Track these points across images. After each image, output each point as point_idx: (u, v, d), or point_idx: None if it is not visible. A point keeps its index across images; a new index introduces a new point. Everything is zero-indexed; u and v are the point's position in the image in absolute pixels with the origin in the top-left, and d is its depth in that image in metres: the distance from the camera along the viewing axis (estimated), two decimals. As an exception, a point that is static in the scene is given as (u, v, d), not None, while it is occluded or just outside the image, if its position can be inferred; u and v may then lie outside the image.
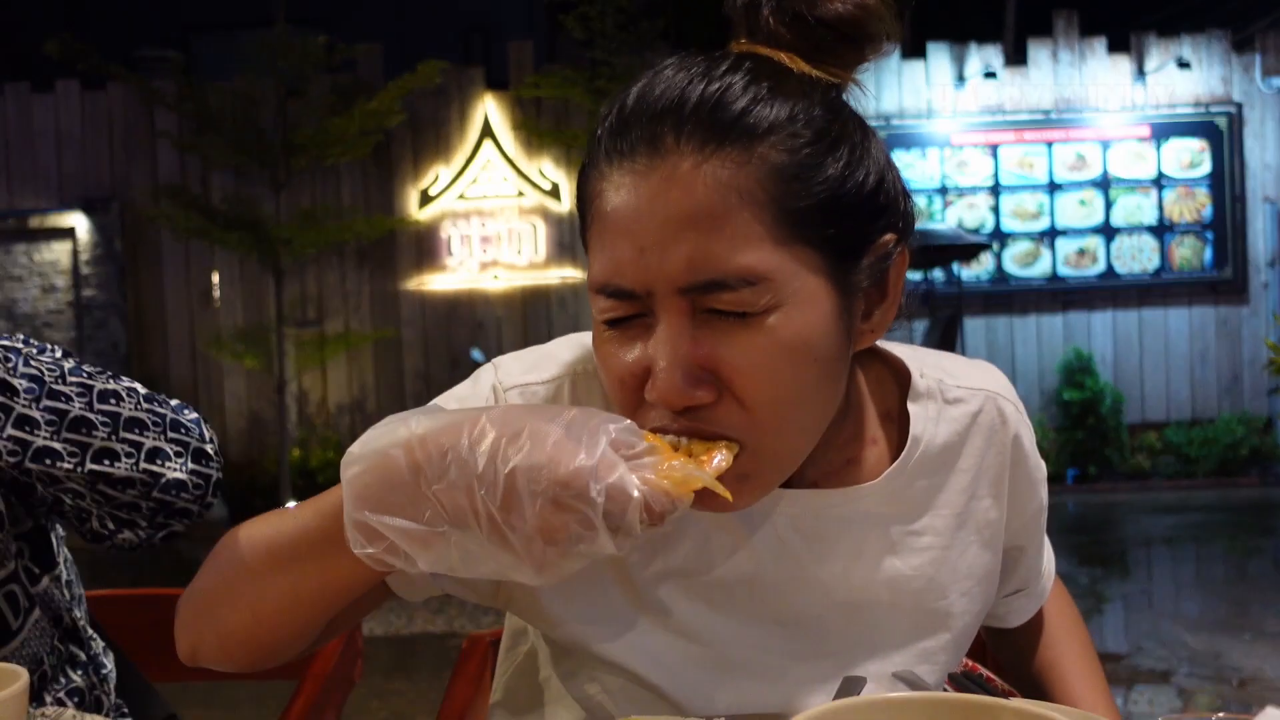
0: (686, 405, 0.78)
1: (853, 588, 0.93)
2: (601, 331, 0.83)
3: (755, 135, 0.78)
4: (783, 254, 0.78)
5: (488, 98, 9.68)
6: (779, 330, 0.78)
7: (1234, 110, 9.81)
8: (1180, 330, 9.86)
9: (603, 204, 0.80)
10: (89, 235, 9.45)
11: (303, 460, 9.19)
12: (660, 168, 0.77)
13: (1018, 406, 1.01)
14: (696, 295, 0.77)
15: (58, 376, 1.14)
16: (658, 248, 0.77)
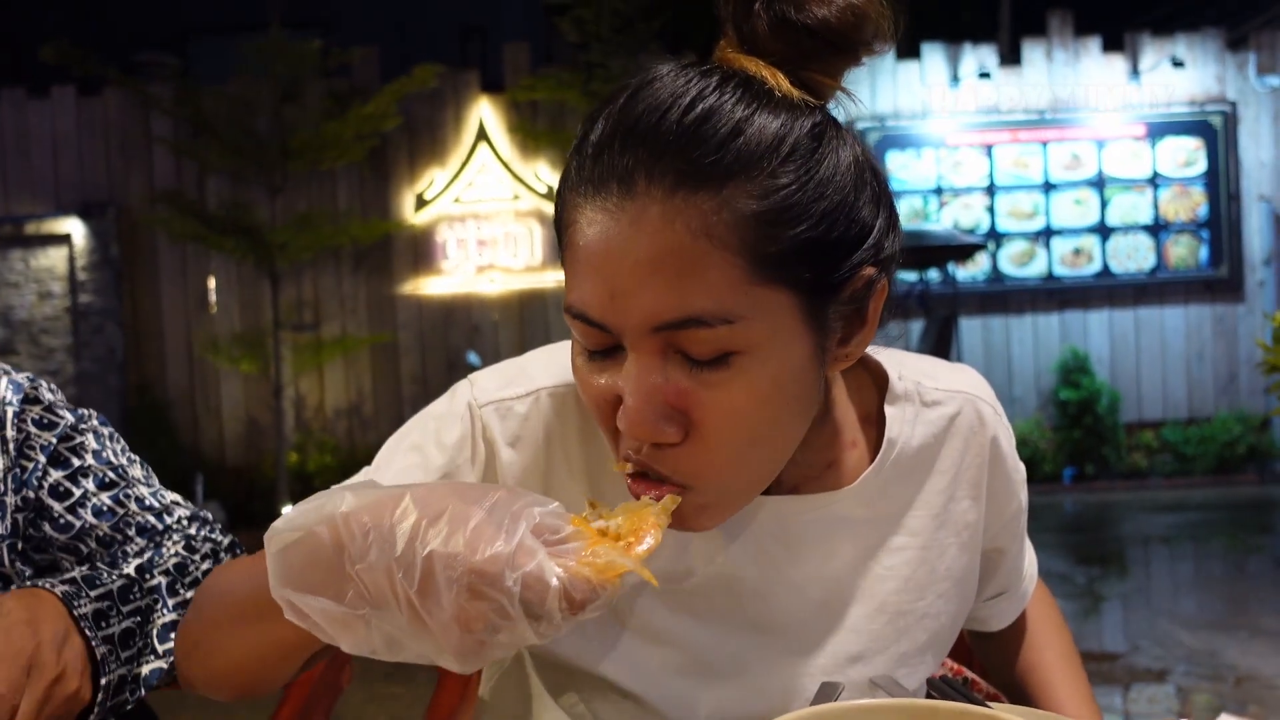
0: (653, 441, 0.78)
1: (831, 591, 0.94)
2: (578, 351, 0.83)
3: (730, 177, 0.74)
4: (756, 297, 0.75)
5: (483, 101, 9.68)
6: (752, 373, 0.77)
7: (1229, 109, 9.83)
8: (1176, 329, 9.87)
9: (575, 235, 0.78)
10: (85, 241, 9.45)
11: (300, 464, 9.18)
12: (629, 209, 0.74)
13: (996, 409, 1.01)
14: (669, 333, 0.75)
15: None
16: (627, 292, 0.75)
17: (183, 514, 1.18)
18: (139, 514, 1.14)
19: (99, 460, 1.16)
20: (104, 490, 1.15)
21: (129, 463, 1.20)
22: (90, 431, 1.19)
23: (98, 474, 1.15)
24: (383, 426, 9.52)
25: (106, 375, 9.46)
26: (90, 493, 1.14)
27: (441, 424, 0.94)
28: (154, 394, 9.47)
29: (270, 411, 9.22)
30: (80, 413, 1.20)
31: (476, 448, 0.92)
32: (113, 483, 1.16)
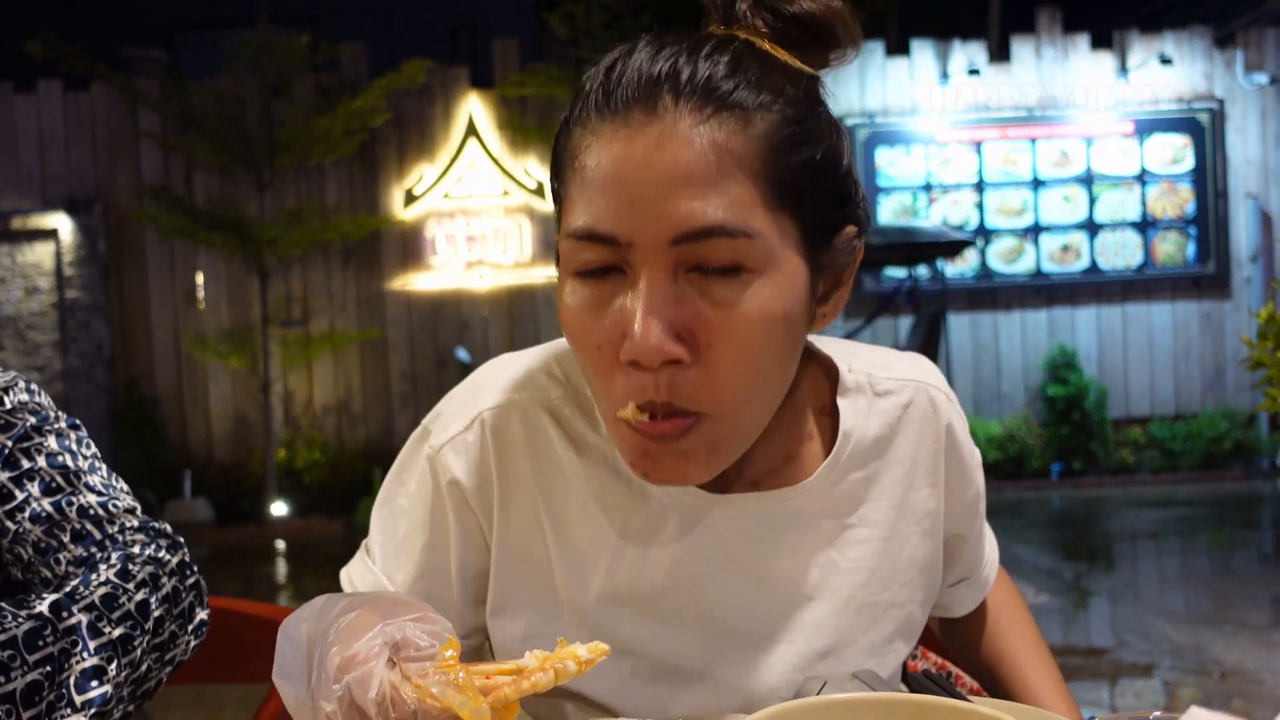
0: (663, 359, 0.78)
1: (796, 588, 0.94)
2: (573, 290, 0.83)
3: (749, 107, 0.80)
4: (770, 221, 0.80)
5: (473, 96, 9.67)
6: (760, 295, 0.80)
7: (1216, 106, 9.86)
8: (1164, 325, 9.91)
9: (589, 157, 0.80)
10: (72, 236, 9.41)
11: (288, 461, 9.17)
12: (656, 125, 0.78)
13: (949, 396, 1.01)
14: (688, 247, 0.78)
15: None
16: (651, 199, 0.78)
17: (130, 524, 1.09)
18: (77, 520, 1.06)
19: (51, 463, 1.09)
20: (47, 495, 1.07)
21: (89, 469, 1.11)
22: (53, 433, 1.12)
23: (45, 477, 1.08)
24: (371, 423, 9.51)
25: (94, 371, 9.43)
26: (33, 497, 1.07)
27: (412, 482, 0.97)
28: (142, 390, 9.44)
29: (258, 408, 9.21)
30: (46, 415, 1.13)
31: (443, 498, 0.95)
32: (58, 488, 1.08)
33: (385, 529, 0.98)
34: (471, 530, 0.95)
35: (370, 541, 0.98)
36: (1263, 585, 5.79)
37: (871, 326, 9.56)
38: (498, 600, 0.95)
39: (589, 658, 0.74)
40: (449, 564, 0.95)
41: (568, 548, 0.94)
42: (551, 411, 0.95)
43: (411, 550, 0.96)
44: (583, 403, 0.95)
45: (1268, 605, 5.28)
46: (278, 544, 8.27)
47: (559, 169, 0.85)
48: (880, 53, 9.96)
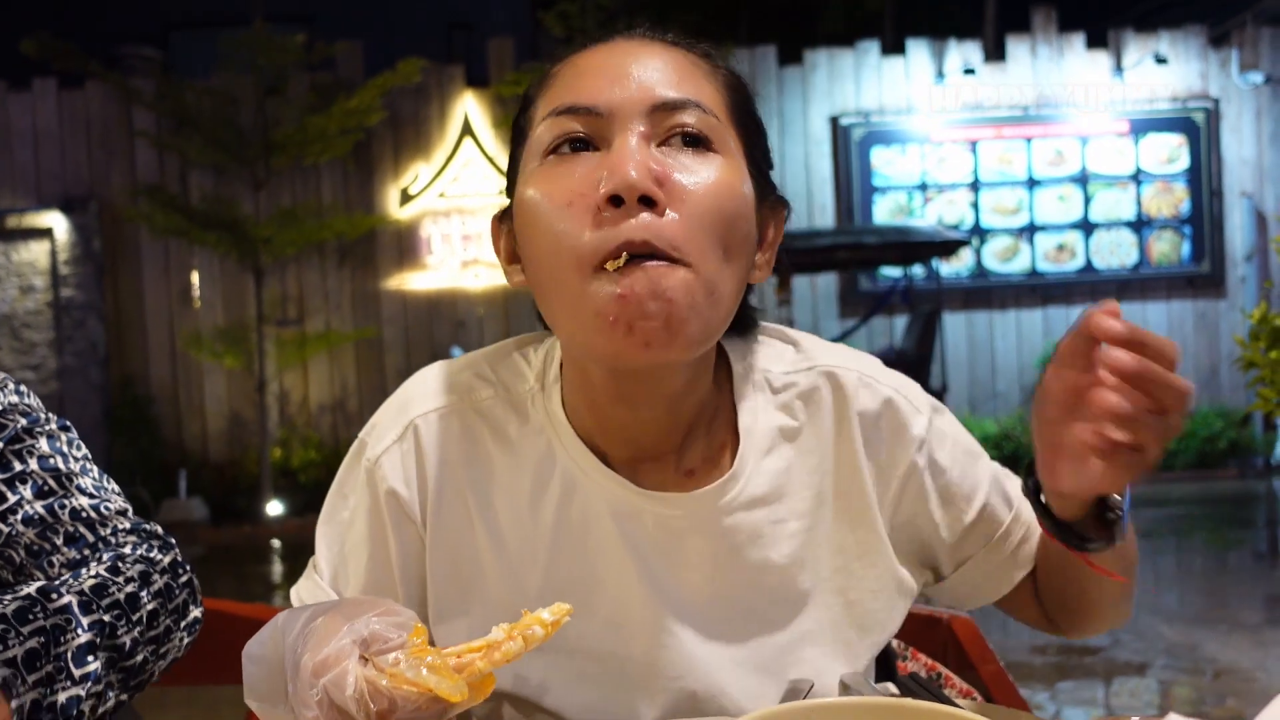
0: (643, 193, 0.82)
1: (731, 583, 0.95)
2: (542, 172, 0.87)
3: (709, 55, 0.93)
4: (730, 127, 0.89)
5: (468, 95, 9.67)
6: (723, 171, 0.86)
7: (1211, 106, 9.88)
8: (1159, 324, 9.92)
9: (569, 65, 0.91)
10: (67, 235, 9.40)
11: (284, 460, 9.16)
12: (636, 41, 0.91)
13: (864, 377, 0.99)
14: (662, 115, 0.86)
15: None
16: (632, 78, 0.87)
17: (121, 526, 1.09)
18: (69, 523, 1.07)
19: (43, 466, 1.10)
20: (40, 498, 1.08)
21: (81, 471, 1.12)
22: (44, 435, 1.12)
23: (37, 480, 1.09)
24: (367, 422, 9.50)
25: (88, 370, 9.42)
26: (25, 499, 1.07)
27: (353, 495, 0.98)
28: (136, 389, 9.43)
29: (254, 407, 9.20)
30: (37, 416, 1.13)
31: (381, 509, 0.96)
32: (51, 490, 1.09)
33: (330, 544, 0.99)
34: (410, 539, 0.96)
35: (317, 558, 0.99)
36: (1257, 584, 5.81)
37: (867, 325, 9.57)
38: (438, 606, 0.96)
39: (554, 619, 0.75)
40: (393, 575, 0.96)
41: (503, 548, 0.95)
42: (482, 413, 0.97)
43: (357, 564, 0.97)
44: (514, 401, 0.97)
45: (1262, 604, 5.29)
46: (273, 543, 8.26)
47: (529, 101, 0.93)
48: (876, 52, 9.96)
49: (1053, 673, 4.18)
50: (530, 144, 0.90)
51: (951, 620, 1.28)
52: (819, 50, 10.03)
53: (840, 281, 9.88)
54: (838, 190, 9.86)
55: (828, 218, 9.84)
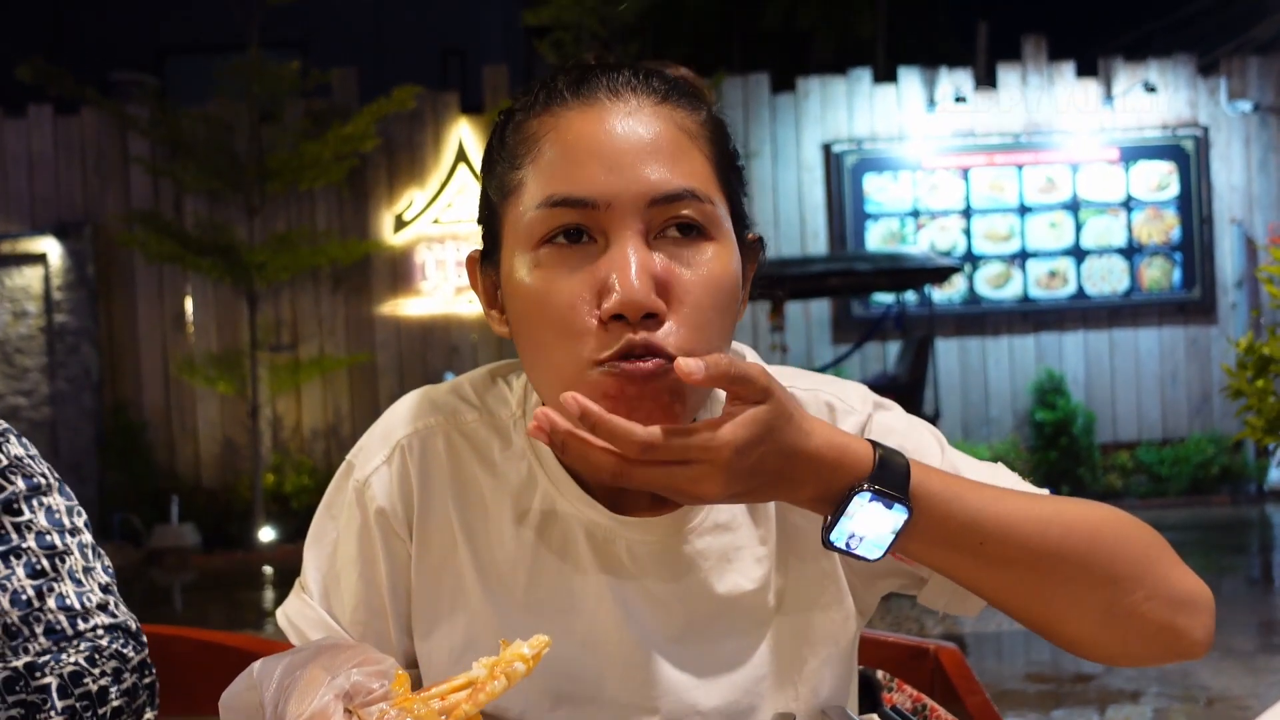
0: (648, 311, 0.83)
1: (704, 609, 0.96)
2: (535, 261, 0.87)
3: (697, 101, 0.93)
4: (718, 194, 0.90)
5: (463, 122, 9.70)
6: (718, 260, 0.88)
7: (1200, 133, 9.95)
8: (1150, 351, 9.96)
9: (558, 135, 0.89)
10: (61, 260, 9.40)
11: (277, 486, 9.13)
12: (623, 104, 0.89)
13: (803, 389, 0.98)
14: (660, 209, 0.86)
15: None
16: (627, 165, 0.86)
17: (101, 623, 1.10)
18: (54, 612, 1.07)
19: (40, 543, 1.09)
20: (31, 579, 1.08)
21: (66, 550, 1.11)
22: (43, 509, 1.12)
23: (32, 558, 1.08)
24: (360, 447, 9.49)
25: (81, 395, 9.40)
26: (16, 576, 1.07)
27: (342, 516, 0.99)
28: (129, 414, 9.41)
29: (247, 432, 9.18)
30: (36, 481, 1.13)
31: (371, 529, 0.98)
32: (43, 572, 1.08)
33: (320, 564, 1.00)
34: (400, 557, 0.98)
35: (305, 579, 1.00)
36: (1250, 611, 5.81)
37: (860, 351, 9.59)
38: (422, 624, 0.98)
39: (534, 653, 0.76)
40: (383, 594, 0.98)
41: (486, 568, 0.97)
42: (466, 435, 0.99)
43: (348, 583, 0.98)
44: (497, 425, 0.99)
45: (1255, 631, 5.29)
46: (265, 570, 8.23)
47: (511, 156, 0.91)
48: (868, 80, 10.03)
49: (1047, 701, 4.17)
50: (521, 218, 0.88)
51: (938, 651, 1.28)
52: (811, 78, 10.09)
53: (833, 308, 9.90)
54: (830, 217, 9.90)
55: (821, 244, 9.87)
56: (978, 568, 0.88)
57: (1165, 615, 0.90)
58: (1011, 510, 0.87)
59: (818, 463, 0.81)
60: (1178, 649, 0.92)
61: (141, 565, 8.60)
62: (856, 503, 0.82)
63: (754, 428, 0.78)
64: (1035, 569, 0.88)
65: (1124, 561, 0.90)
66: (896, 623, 5.46)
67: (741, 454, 0.78)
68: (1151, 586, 0.90)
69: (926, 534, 0.84)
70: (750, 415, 0.78)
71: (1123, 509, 0.96)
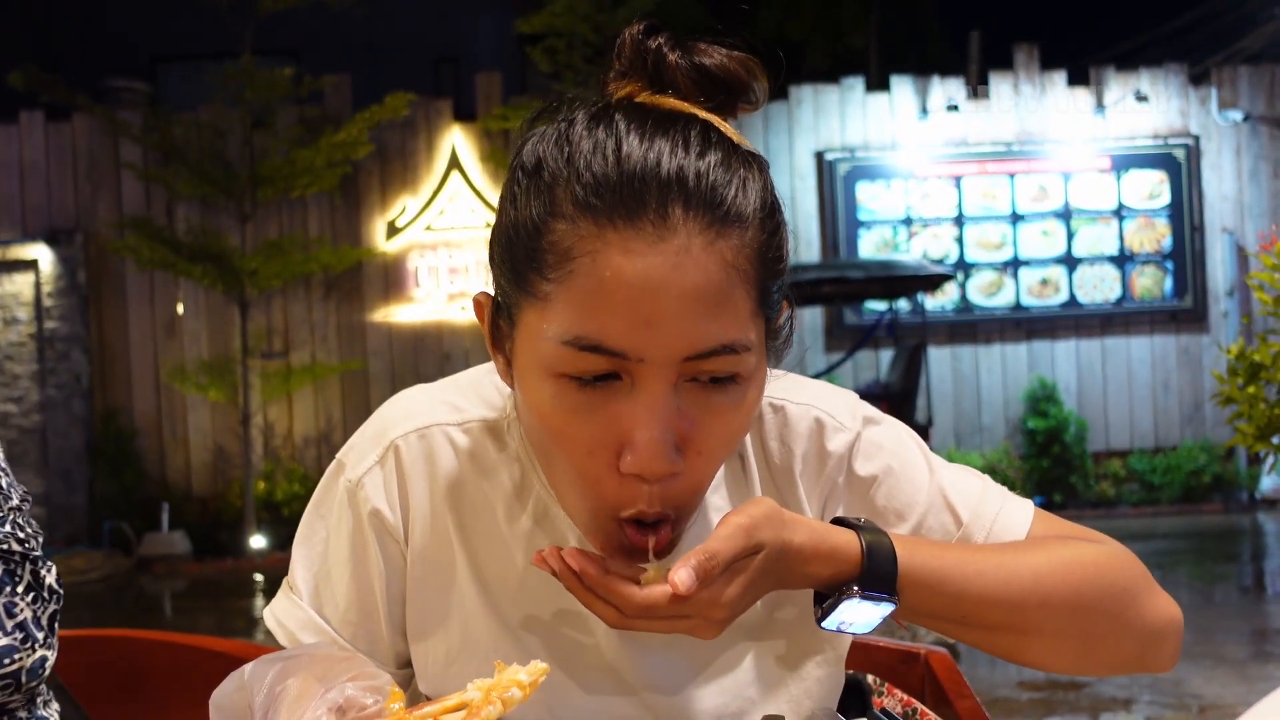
0: (668, 473, 0.81)
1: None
2: (558, 391, 0.82)
3: (745, 219, 0.81)
4: (756, 329, 0.83)
5: (455, 129, 9.71)
6: (747, 398, 0.84)
7: (1192, 143, 9.99)
8: (1142, 359, 9.98)
9: (594, 265, 0.78)
10: (52, 267, 9.38)
11: (268, 493, 9.11)
12: (671, 241, 0.78)
13: (792, 401, 0.99)
14: (695, 363, 0.79)
15: None
16: (667, 320, 0.78)
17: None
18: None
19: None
20: None
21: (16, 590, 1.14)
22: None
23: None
24: (352, 455, 9.47)
25: (72, 402, 9.37)
26: None
27: (332, 516, 0.98)
28: (120, 421, 9.38)
29: (238, 440, 9.16)
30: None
31: (364, 529, 0.96)
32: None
33: (309, 564, 0.99)
34: (394, 558, 0.96)
35: (294, 579, 0.99)
36: (1242, 618, 5.81)
37: (852, 359, 9.59)
38: (416, 625, 0.97)
39: (531, 680, 0.75)
40: (375, 595, 0.96)
41: (479, 570, 0.96)
42: (460, 435, 0.98)
43: (340, 582, 0.97)
44: (491, 427, 0.98)
45: (1247, 639, 5.29)
46: (256, 577, 8.20)
47: (537, 259, 0.81)
48: (860, 88, 10.05)
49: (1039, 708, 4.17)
50: (543, 337, 0.81)
51: (929, 656, 1.28)
52: (804, 86, 10.11)
53: (826, 315, 9.91)
54: (823, 225, 9.92)
55: (813, 252, 9.89)
56: (960, 630, 0.93)
57: (1136, 649, 0.96)
58: (996, 579, 0.91)
59: (806, 561, 0.85)
60: (1142, 670, 0.99)
61: (132, 573, 8.57)
62: (846, 605, 0.86)
63: (750, 575, 0.82)
64: (1015, 628, 0.93)
65: (1103, 613, 0.93)
66: (888, 628, 5.45)
67: (738, 602, 0.82)
68: (1126, 625, 0.94)
69: (912, 612, 0.90)
70: (747, 568, 0.82)
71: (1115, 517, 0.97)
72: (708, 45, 0.87)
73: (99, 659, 1.36)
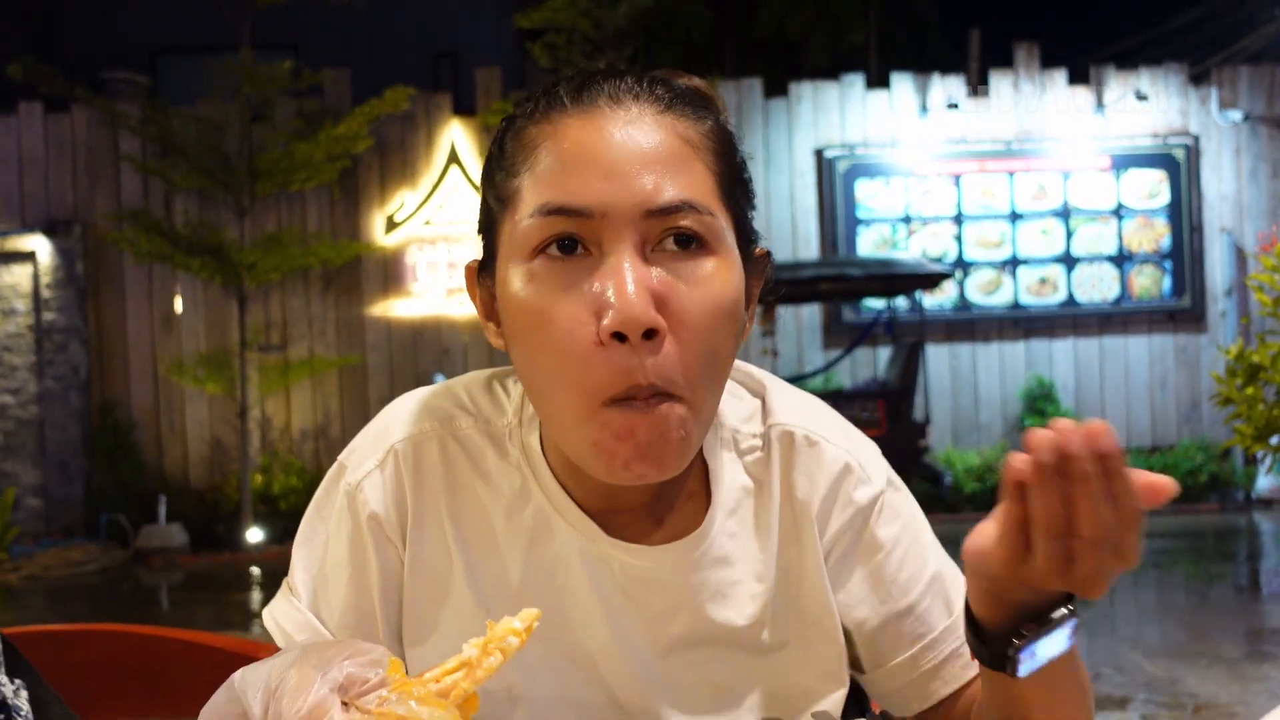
0: (649, 326, 0.80)
1: (696, 640, 0.95)
2: (530, 273, 0.84)
3: (701, 109, 0.89)
4: (719, 208, 0.86)
5: (455, 124, 9.70)
6: (719, 275, 0.84)
7: (1191, 142, 9.98)
8: (1140, 358, 9.98)
9: (555, 143, 0.85)
10: (50, 258, 9.37)
11: (265, 487, 9.11)
12: (623, 112, 0.86)
13: (823, 437, 0.98)
14: (657, 220, 0.82)
15: None
16: (624, 174, 0.83)
17: None
18: None
19: None
20: None
21: None
22: None
23: None
24: (349, 449, 9.47)
25: (69, 394, 9.36)
26: None
27: (333, 518, 0.97)
28: (117, 414, 9.38)
29: (235, 433, 9.15)
30: None
31: (363, 533, 0.96)
32: None
33: (309, 566, 0.98)
34: (392, 562, 0.96)
35: (293, 580, 0.98)
36: (1238, 618, 5.82)
37: (851, 356, 9.60)
38: (412, 631, 0.97)
39: (525, 625, 0.75)
40: (373, 599, 0.96)
41: (476, 578, 0.95)
42: (461, 442, 0.97)
43: (338, 585, 0.96)
44: (492, 433, 0.97)
45: (1243, 638, 5.30)
46: (253, 571, 8.20)
47: (509, 164, 0.88)
48: (860, 85, 10.04)
49: (1034, 706, 4.17)
50: (516, 227, 0.85)
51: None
52: (804, 83, 10.11)
53: (824, 313, 9.91)
54: (822, 222, 9.92)
55: (812, 249, 9.88)
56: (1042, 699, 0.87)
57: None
58: (1082, 672, 0.90)
59: None
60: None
61: (128, 565, 8.57)
62: (1058, 634, 0.80)
63: None
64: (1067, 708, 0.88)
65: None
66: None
67: None
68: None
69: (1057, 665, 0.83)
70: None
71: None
72: (668, 72, 0.92)
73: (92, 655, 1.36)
